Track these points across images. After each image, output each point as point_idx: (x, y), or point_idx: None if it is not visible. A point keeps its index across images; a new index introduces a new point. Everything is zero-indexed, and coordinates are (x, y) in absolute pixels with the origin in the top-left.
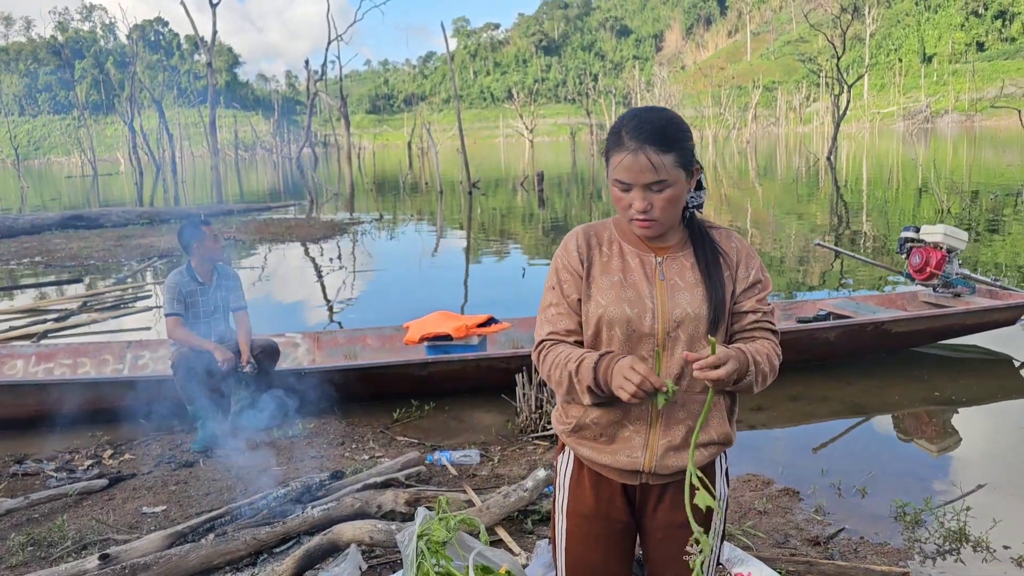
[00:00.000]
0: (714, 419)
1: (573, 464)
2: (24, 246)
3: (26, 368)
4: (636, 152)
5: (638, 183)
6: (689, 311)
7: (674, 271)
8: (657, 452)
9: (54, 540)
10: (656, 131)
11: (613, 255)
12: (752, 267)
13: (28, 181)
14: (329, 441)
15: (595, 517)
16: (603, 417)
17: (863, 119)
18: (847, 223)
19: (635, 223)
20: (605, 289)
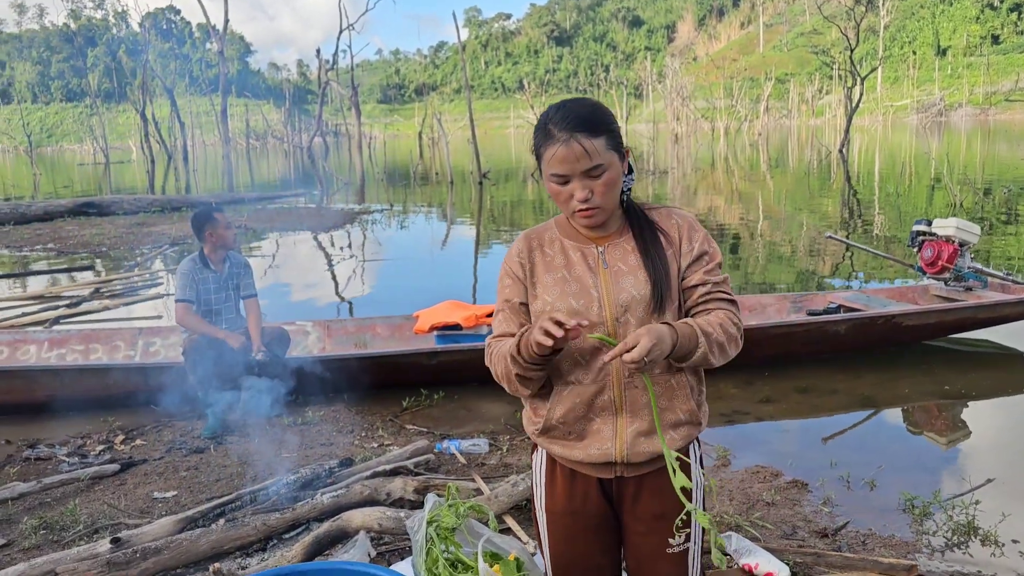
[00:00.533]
0: (678, 397)
1: (546, 462)
2: (37, 233)
3: (39, 354)
4: (568, 142)
5: (575, 172)
6: (635, 294)
7: (616, 257)
8: (627, 439)
9: (66, 524)
10: (583, 118)
11: (556, 253)
12: (695, 240)
13: (41, 168)
14: (339, 429)
15: (573, 513)
16: (570, 414)
17: (876, 112)
18: (859, 216)
19: (577, 215)
20: (550, 287)
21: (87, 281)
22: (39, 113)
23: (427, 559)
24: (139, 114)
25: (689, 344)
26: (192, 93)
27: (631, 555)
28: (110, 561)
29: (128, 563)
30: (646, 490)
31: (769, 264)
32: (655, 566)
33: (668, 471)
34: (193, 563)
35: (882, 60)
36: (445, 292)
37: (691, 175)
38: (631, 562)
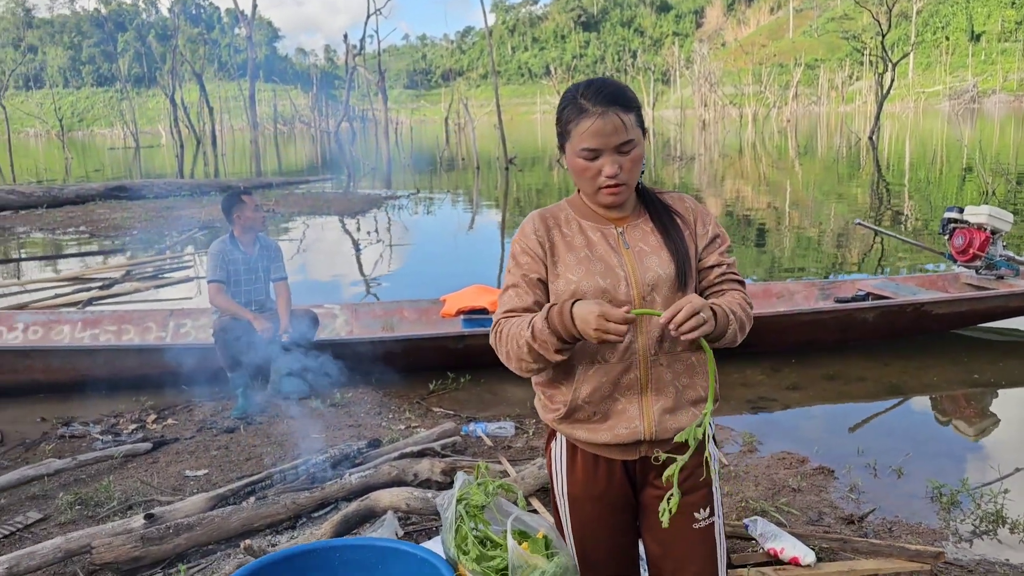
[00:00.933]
0: (698, 375)
1: (567, 449)
2: (69, 215)
3: (72, 334)
4: (604, 114)
5: (608, 146)
6: (660, 273)
7: (636, 238)
8: (654, 417)
9: (101, 500)
10: (616, 93)
11: (574, 233)
12: (708, 223)
13: (72, 152)
14: (366, 411)
15: (596, 499)
16: (595, 394)
17: (907, 98)
18: (888, 204)
19: (603, 192)
20: (573, 266)
21: (118, 263)
22: (70, 98)
23: (456, 536)
24: (168, 99)
25: (723, 322)
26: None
27: (655, 537)
28: (144, 536)
29: (162, 538)
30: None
31: (797, 251)
32: (681, 544)
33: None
34: (224, 539)
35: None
36: (471, 277)
37: (718, 162)
38: (655, 545)
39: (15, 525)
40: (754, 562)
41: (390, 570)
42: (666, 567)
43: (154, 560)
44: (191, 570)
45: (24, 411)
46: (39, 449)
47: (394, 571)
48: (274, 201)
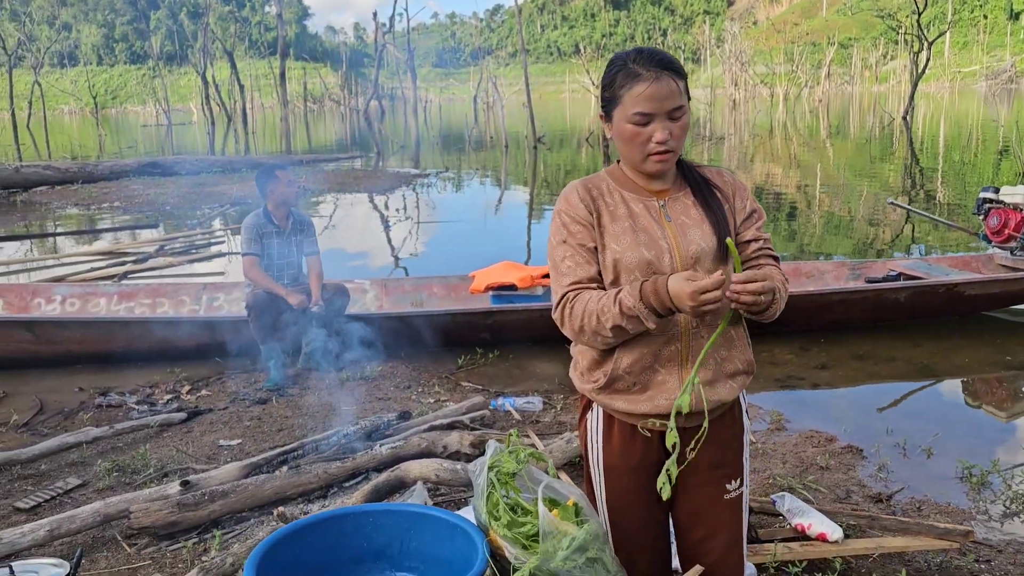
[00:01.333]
0: (736, 348)
1: (603, 419)
2: (103, 191)
3: (108, 306)
4: (658, 78)
5: (662, 111)
6: (703, 246)
7: (678, 211)
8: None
9: (138, 467)
10: (669, 59)
11: (617, 203)
12: (746, 198)
13: (105, 129)
14: (396, 384)
15: (632, 470)
16: (636, 365)
17: (943, 78)
18: (921, 185)
19: (652, 159)
20: (618, 236)
21: (152, 238)
22: (104, 75)
23: (488, 503)
24: (200, 77)
25: (767, 301)
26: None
27: (686, 506)
28: (180, 502)
29: (197, 504)
30: (705, 440)
31: (827, 231)
32: (713, 513)
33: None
34: (258, 507)
35: (951, 24)
36: (499, 254)
37: (748, 142)
38: (685, 514)
39: (56, 490)
40: (781, 537)
41: (422, 535)
42: (695, 535)
43: (190, 525)
44: (226, 536)
45: (62, 381)
46: (77, 418)
47: (426, 536)
48: (304, 178)
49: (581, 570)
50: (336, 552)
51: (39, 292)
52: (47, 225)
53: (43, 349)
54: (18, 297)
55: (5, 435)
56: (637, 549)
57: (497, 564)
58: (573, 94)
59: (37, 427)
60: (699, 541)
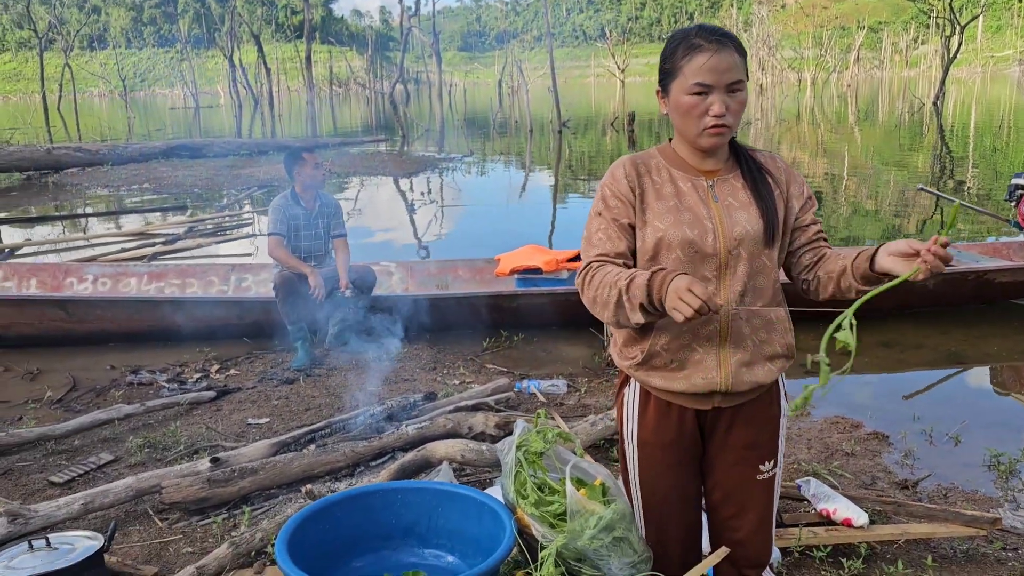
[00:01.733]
0: (776, 331)
1: (640, 395)
2: (133, 173)
3: (139, 286)
4: (720, 50)
5: (721, 84)
6: (748, 229)
7: (726, 192)
8: (731, 369)
9: (168, 444)
10: (730, 34)
11: (664, 181)
12: (802, 185)
13: (134, 112)
14: (421, 365)
15: (667, 445)
16: (673, 342)
17: (975, 63)
18: (951, 172)
19: (708, 132)
20: (662, 214)
21: (181, 220)
22: (132, 58)
23: (515, 481)
24: (227, 60)
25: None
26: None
27: (719, 484)
28: (210, 478)
29: (227, 481)
30: (739, 420)
31: (855, 218)
32: (744, 492)
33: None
34: (286, 484)
35: (984, 8)
36: (523, 238)
37: (775, 127)
38: (718, 492)
39: (89, 465)
40: (806, 522)
41: (450, 513)
42: (726, 512)
43: (219, 501)
44: (255, 512)
45: (94, 359)
46: (109, 395)
47: (454, 514)
48: (330, 161)
49: (608, 549)
50: (365, 528)
51: (71, 272)
52: (78, 206)
53: (76, 327)
54: (51, 276)
55: (40, 411)
56: (669, 525)
57: (524, 542)
58: (598, 78)
59: (70, 403)
60: (729, 518)
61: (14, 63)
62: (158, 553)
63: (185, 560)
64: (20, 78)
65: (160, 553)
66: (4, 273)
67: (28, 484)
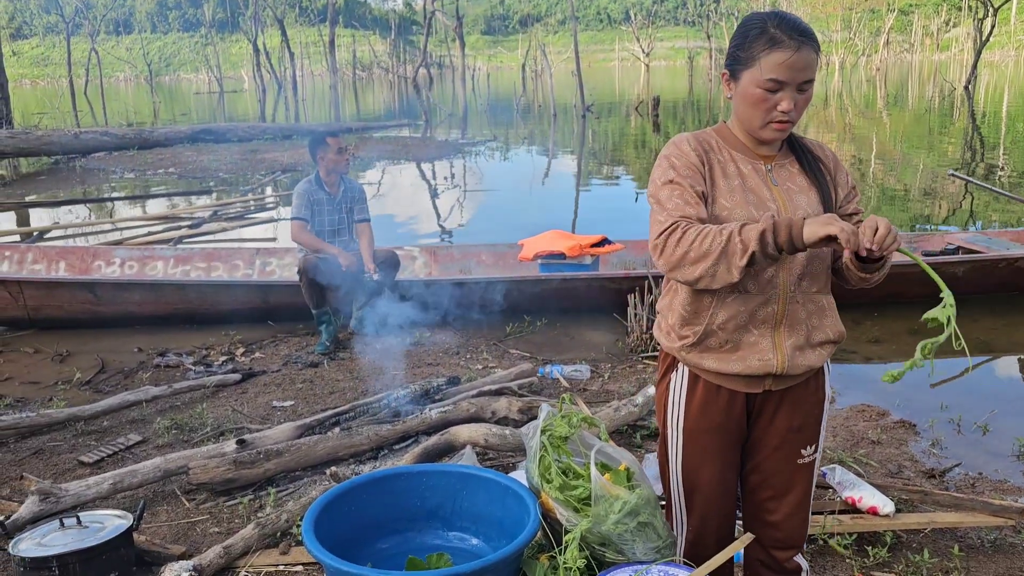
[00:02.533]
0: (827, 317)
1: (688, 380)
2: (159, 157)
3: (165, 270)
4: (799, 49)
5: (794, 81)
6: (810, 212)
7: (784, 177)
8: (787, 352)
9: (195, 426)
10: (810, 29)
11: (727, 161)
12: (846, 174)
13: (159, 96)
14: (445, 350)
15: (713, 431)
16: (730, 322)
17: (1008, 47)
18: (982, 157)
19: (772, 126)
20: (728, 193)
21: (206, 204)
22: (158, 43)
23: (540, 465)
24: (251, 44)
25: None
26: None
27: (758, 468)
28: (236, 460)
29: (253, 462)
30: (786, 403)
31: (883, 203)
32: (784, 475)
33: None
34: (311, 466)
35: None
36: (546, 223)
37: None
38: (756, 476)
39: (118, 445)
40: (831, 510)
41: (474, 496)
42: (763, 494)
43: (245, 482)
44: (280, 493)
45: (122, 341)
46: (137, 377)
47: (478, 497)
48: (353, 145)
49: (632, 534)
50: (390, 511)
51: (99, 255)
52: (105, 190)
53: (104, 310)
54: (80, 259)
55: (69, 392)
56: (713, 512)
57: (548, 526)
58: (623, 62)
59: (99, 385)
60: (766, 500)
61: (41, 48)
62: (185, 533)
63: (212, 540)
64: (48, 63)
65: (187, 533)
66: (34, 256)
67: (59, 464)
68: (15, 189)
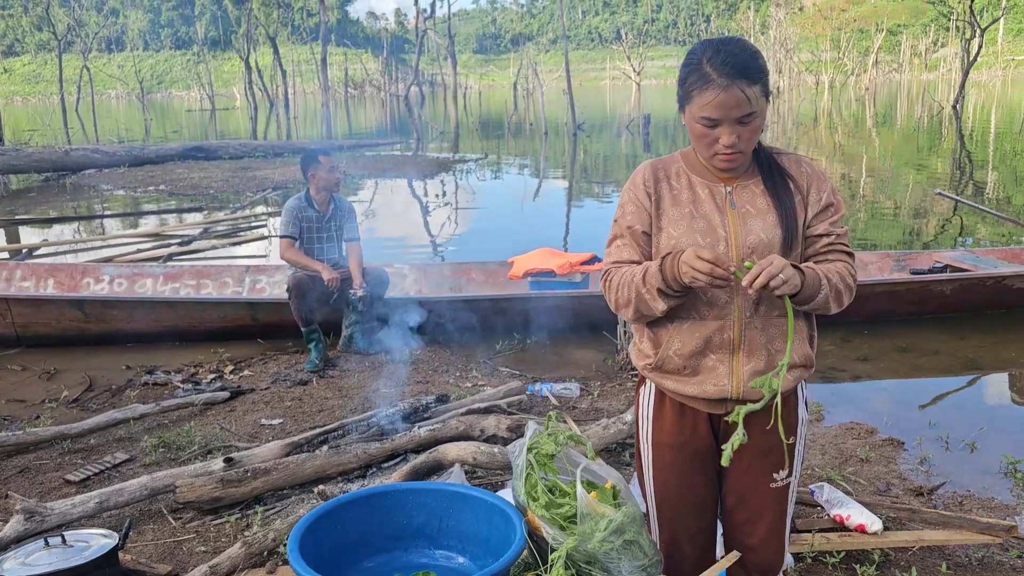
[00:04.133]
0: (795, 342)
1: (655, 396)
2: (150, 175)
3: (155, 287)
4: (728, 88)
5: (729, 119)
6: (763, 237)
7: (744, 199)
8: (743, 378)
9: (182, 444)
10: (745, 64)
11: (683, 188)
12: (823, 190)
13: (151, 113)
14: (434, 368)
15: (680, 447)
16: (686, 348)
17: (995, 66)
18: (970, 176)
19: (719, 158)
20: (676, 221)
21: (196, 221)
22: (150, 60)
23: (526, 483)
24: (243, 62)
25: (813, 286)
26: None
27: (732, 489)
28: (224, 478)
29: (240, 481)
30: (752, 426)
31: (872, 222)
32: (757, 499)
33: (773, 404)
34: (299, 484)
35: (1005, 10)
36: (537, 241)
37: (792, 130)
38: (732, 496)
39: (104, 464)
40: (819, 528)
41: (461, 514)
42: (739, 517)
43: (233, 501)
44: (267, 512)
45: (111, 359)
46: (125, 395)
47: (465, 516)
48: (344, 163)
49: (618, 552)
50: (377, 529)
51: (88, 272)
52: (95, 207)
53: (92, 327)
54: (68, 277)
55: (56, 410)
56: (681, 527)
57: (534, 544)
58: (614, 81)
59: (86, 403)
60: (742, 523)
61: (33, 65)
62: (172, 552)
63: (198, 559)
64: (39, 80)
65: (174, 552)
66: (22, 273)
67: (44, 482)
68: (5, 206)
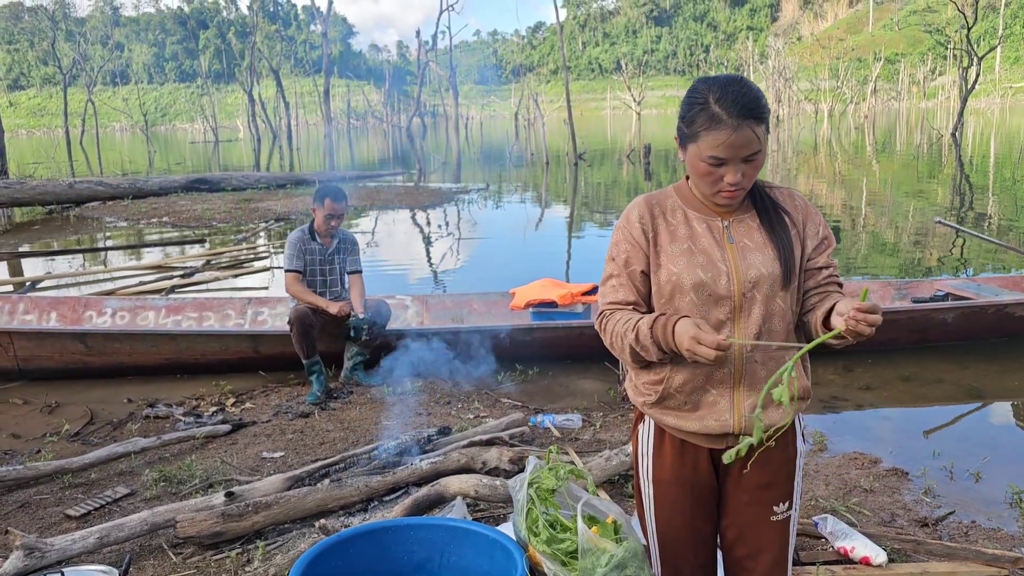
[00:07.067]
0: (795, 373)
1: (655, 433)
2: (153, 207)
3: (157, 320)
4: (739, 128)
5: (736, 158)
6: (763, 271)
7: (741, 233)
8: (745, 413)
9: (184, 478)
10: (753, 103)
11: (679, 223)
12: (819, 224)
13: (155, 146)
14: (436, 399)
15: (681, 483)
16: (687, 384)
17: (993, 94)
18: (970, 204)
19: (722, 195)
20: (675, 257)
21: (199, 253)
22: (154, 93)
23: (527, 519)
24: (246, 94)
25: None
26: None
27: (733, 523)
28: (225, 513)
29: (241, 515)
30: (755, 461)
31: (872, 250)
32: (758, 533)
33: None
34: (300, 519)
35: (1002, 39)
36: (539, 272)
37: (792, 159)
38: (732, 531)
39: (105, 498)
40: (823, 560)
41: (462, 550)
42: (740, 552)
43: (234, 536)
44: (268, 546)
45: (112, 392)
46: (126, 428)
47: (466, 551)
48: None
49: None
50: (377, 564)
51: (91, 305)
52: (98, 239)
53: (94, 360)
54: (71, 310)
55: (57, 444)
56: (683, 563)
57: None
58: (614, 111)
59: (88, 437)
60: (743, 558)
61: (38, 99)
62: None
63: None
64: (44, 113)
65: None
66: (25, 306)
67: (45, 517)
68: (8, 239)
